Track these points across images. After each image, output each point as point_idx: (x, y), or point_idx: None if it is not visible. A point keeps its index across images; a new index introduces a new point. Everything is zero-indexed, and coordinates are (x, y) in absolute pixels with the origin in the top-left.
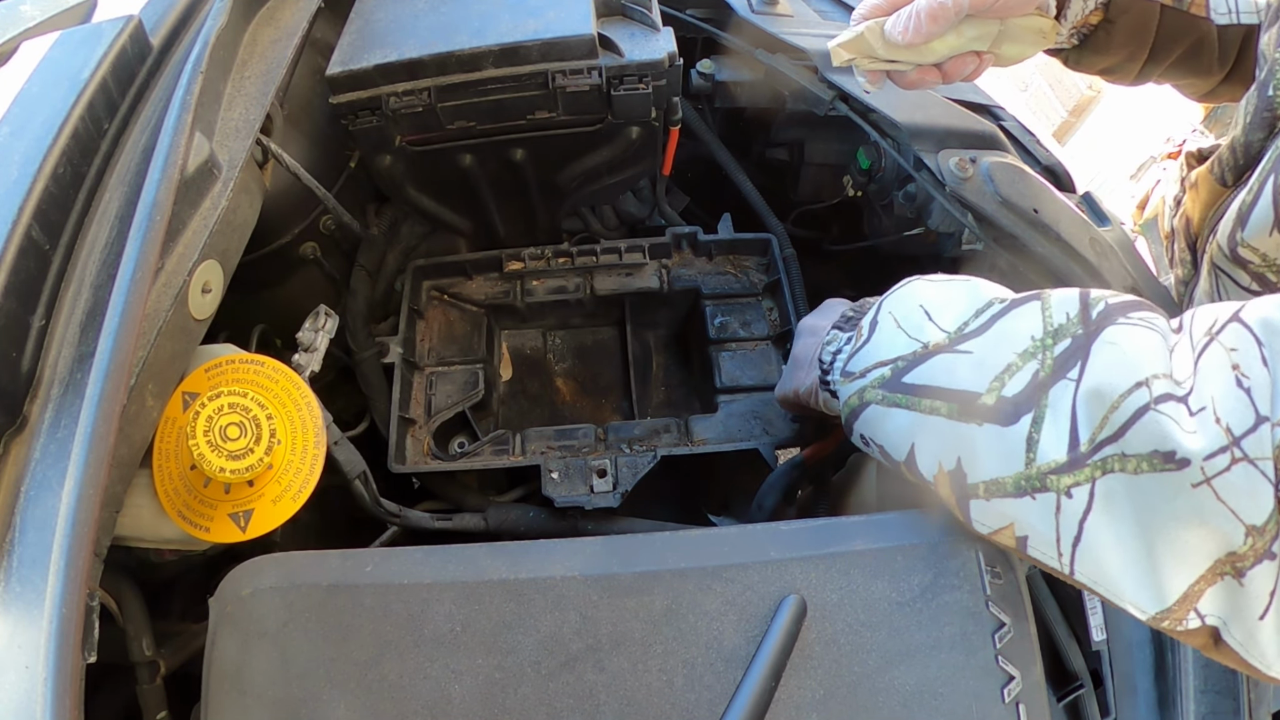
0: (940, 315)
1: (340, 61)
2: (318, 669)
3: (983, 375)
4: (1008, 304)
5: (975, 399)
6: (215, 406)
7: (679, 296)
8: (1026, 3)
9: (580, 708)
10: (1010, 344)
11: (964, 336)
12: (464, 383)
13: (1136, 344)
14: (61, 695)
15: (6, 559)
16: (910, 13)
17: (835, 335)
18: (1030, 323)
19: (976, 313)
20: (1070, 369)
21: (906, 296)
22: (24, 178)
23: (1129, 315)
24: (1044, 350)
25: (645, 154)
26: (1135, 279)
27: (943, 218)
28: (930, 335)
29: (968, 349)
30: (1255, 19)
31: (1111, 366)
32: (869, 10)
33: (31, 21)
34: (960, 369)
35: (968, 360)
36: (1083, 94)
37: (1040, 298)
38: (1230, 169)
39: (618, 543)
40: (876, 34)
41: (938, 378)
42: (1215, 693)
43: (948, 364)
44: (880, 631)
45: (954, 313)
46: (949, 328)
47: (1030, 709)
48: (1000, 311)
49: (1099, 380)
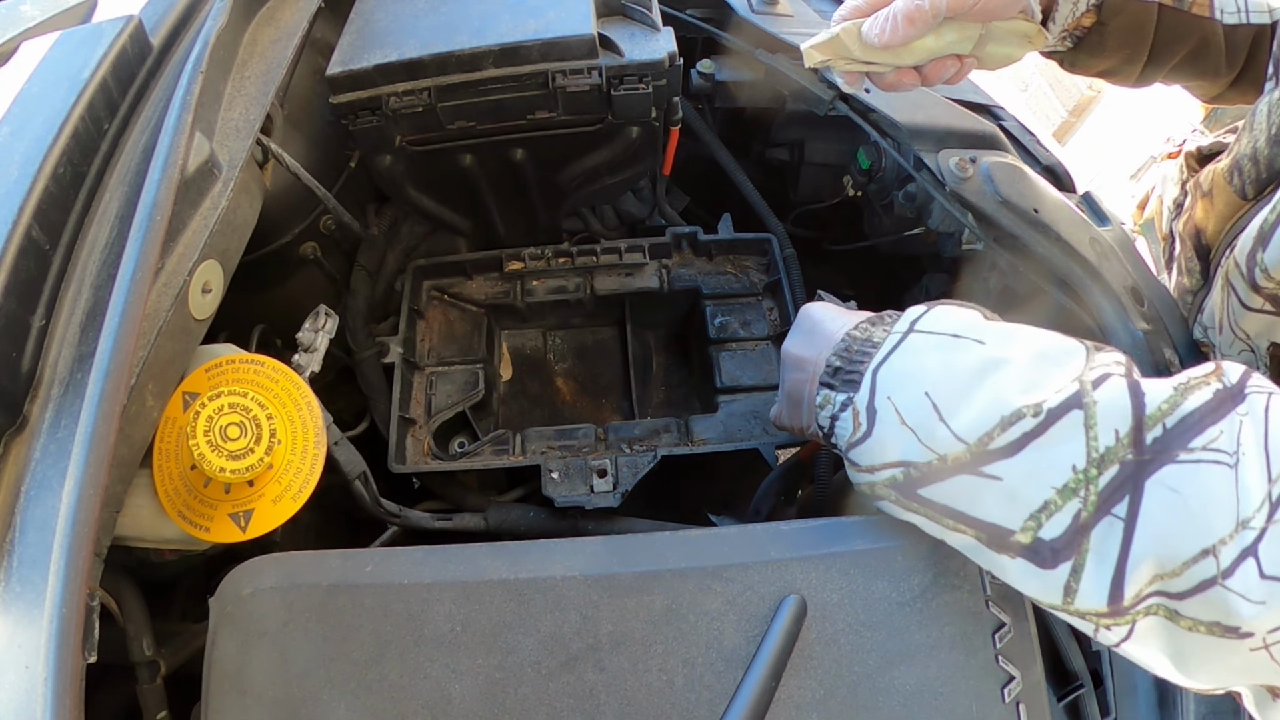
0: (954, 415)
1: (340, 61)
2: (318, 669)
3: (1015, 511)
4: (1043, 419)
5: (1008, 535)
6: (215, 406)
7: (679, 296)
8: (1008, 7)
9: (580, 708)
10: (1048, 477)
11: (988, 455)
12: (464, 383)
13: (1204, 494)
14: (61, 695)
15: (6, 559)
16: (887, 15)
17: (827, 396)
18: (1071, 448)
19: (1002, 423)
20: (1117, 504)
21: (907, 379)
22: (24, 178)
23: (1191, 445)
24: (1087, 484)
25: (645, 154)
26: (1135, 279)
27: (943, 217)
28: (945, 445)
29: (995, 473)
30: (1267, 19)
31: (1173, 525)
32: (849, 11)
33: (31, 21)
34: (988, 498)
35: (996, 489)
36: (1083, 94)
37: (1082, 405)
38: (1251, 181)
39: (618, 543)
40: (854, 35)
41: (959, 501)
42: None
43: (972, 488)
44: (880, 631)
45: (971, 416)
46: (967, 437)
47: (1030, 709)
48: (1034, 430)
49: (1157, 544)
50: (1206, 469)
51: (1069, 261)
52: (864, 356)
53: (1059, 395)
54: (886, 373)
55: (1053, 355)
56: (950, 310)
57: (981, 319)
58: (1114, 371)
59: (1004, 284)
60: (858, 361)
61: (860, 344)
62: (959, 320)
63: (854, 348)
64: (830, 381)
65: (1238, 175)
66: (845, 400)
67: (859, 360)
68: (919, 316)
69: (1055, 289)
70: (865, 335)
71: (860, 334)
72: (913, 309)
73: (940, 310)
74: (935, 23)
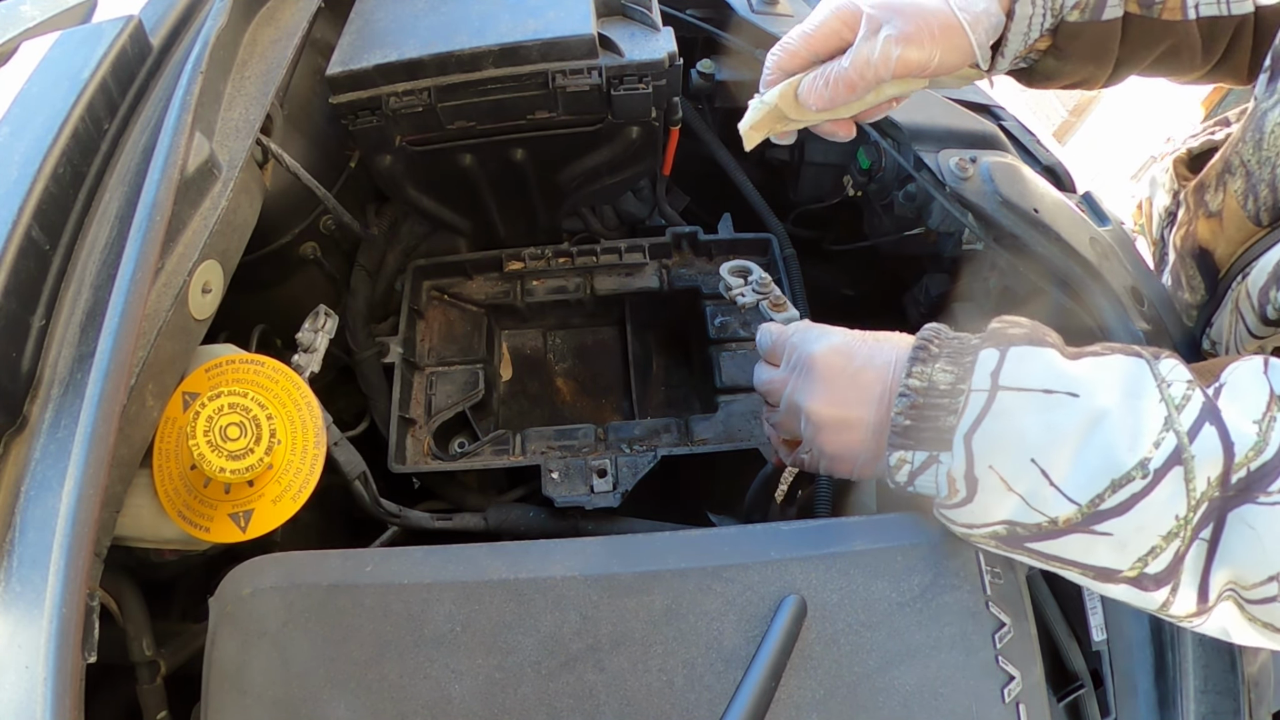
0: (1063, 479)
1: (340, 61)
2: (318, 669)
3: (1125, 557)
4: (1150, 480)
5: (1115, 573)
6: (215, 406)
7: (679, 296)
8: (956, 64)
9: (580, 708)
10: (1155, 528)
11: (1100, 515)
12: (464, 383)
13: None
14: (61, 695)
15: (6, 559)
16: (828, 79)
17: (903, 457)
18: (1175, 500)
19: (1113, 485)
20: (1204, 529)
21: (1008, 445)
22: (24, 178)
23: (1270, 489)
24: (1186, 526)
25: (645, 154)
26: (1135, 279)
27: (943, 218)
28: (1055, 509)
29: (1107, 530)
30: (1249, 7)
31: (1248, 555)
32: (786, 60)
33: (31, 21)
34: (1099, 550)
35: (1107, 543)
36: (1083, 94)
37: (1182, 460)
38: (1268, 209)
39: (618, 543)
40: (790, 99)
41: (1070, 553)
42: (1216, 693)
43: (1085, 545)
44: (880, 631)
45: (1082, 480)
46: (1079, 499)
47: (1030, 709)
48: (1142, 491)
49: (1233, 567)
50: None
51: (1069, 261)
52: (938, 411)
53: (1161, 452)
54: (983, 440)
55: (1133, 388)
56: (1027, 356)
57: (1059, 359)
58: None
59: (1004, 284)
60: (931, 418)
61: (928, 396)
62: (1044, 370)
63: (921, 402)
64: (902, 442)
65: (1252, 200)
66: (926, 459)
67: (932, 417)
68: (998, 368)
69: (1055, 289)
70: (927, 384)
71: (920, 383)
72: (984, 356)
73: (1018, 357)
74: (879, 85)
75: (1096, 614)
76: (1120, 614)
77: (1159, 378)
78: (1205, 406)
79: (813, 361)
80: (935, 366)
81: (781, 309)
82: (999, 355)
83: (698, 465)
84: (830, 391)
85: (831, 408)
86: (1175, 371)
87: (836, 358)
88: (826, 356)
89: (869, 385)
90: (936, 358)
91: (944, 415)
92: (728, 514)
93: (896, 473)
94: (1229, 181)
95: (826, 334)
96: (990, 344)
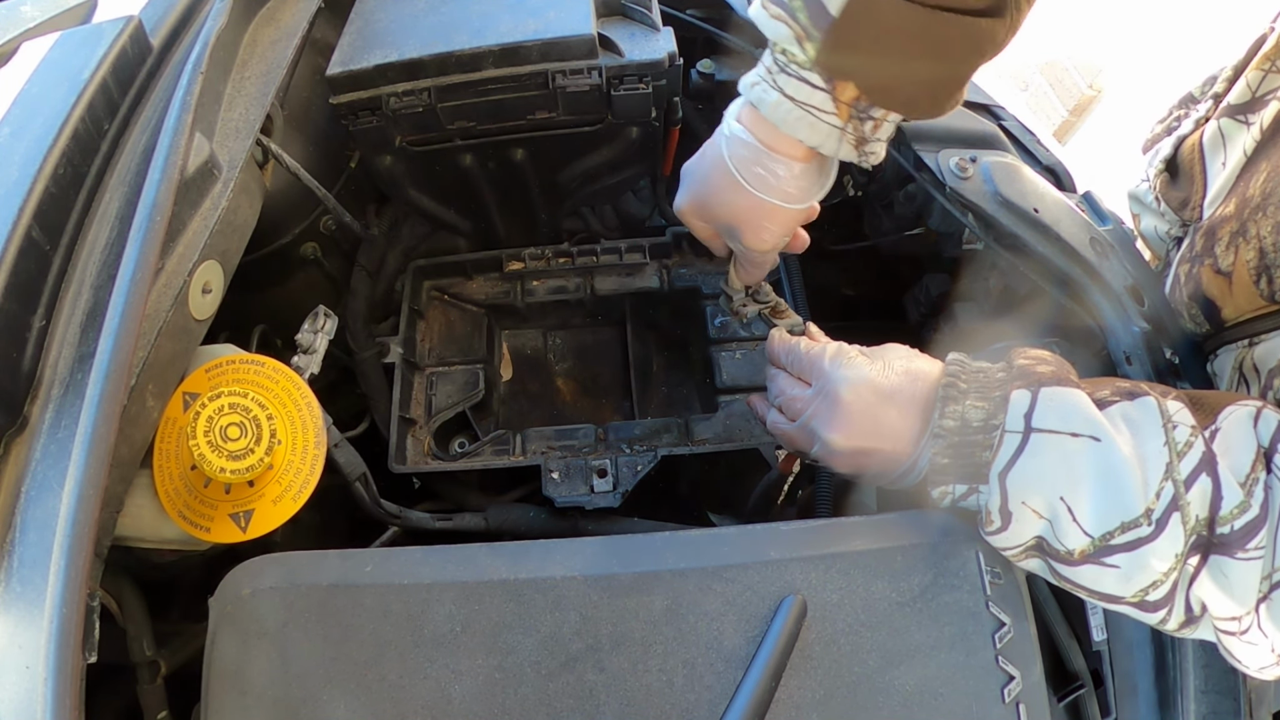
0: (1084, 516)
1: (340, 61)
2: (318, 669)
3: (1129, 587)
4: (1153, 528)
5: (1119, 599)
6: (215, 407)
7: (679, 296)
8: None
9: (580, 708)
10: (1158, 565)
11: (1110, 549)
12: (464, 383)
13: (1244, 582)
14: (61, 695)
15: (7, 559)
16: (741, 266)
17: (944, 490)
18: (1173, 543)
19: (1122, 526)
20: (1191, 558)
21: (1039, 484)
22: (24, 178)
23: (1247, 547)
24: (1181, 562)
25: (645, 154)
26: (1135, 278)
27: (943, 218)
28: (1074, 541)
29: (1114, 563)
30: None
31: (1220, 597)
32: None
33: (31, 22)
34: (1106, 579)
35: (1114, 574)
36: (1083, 94)
37: (1179, 507)
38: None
39: (618, 543)
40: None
41: (1083, 579)
42: (1216, 693)
43: (1093, 575)
44: (880, 632)
45: (1098, 517)
46: (1093, 533)
47: (1030, 709)
48: (1147, 536)
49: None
50: (1249, 565)
51: (1069, 261)
52: (973, 447)
53: (1162, 502)
54: (1017, 478)
55: (1143, 433)
56: (1057, 397)
57: (1086, 401)
58: (1200, 466)
59: (1004, 284)
60: (967, 454)
61: (963, 435)
62: (1072, 412)
63: (957, 441)
64: (943, 479)
65: (1266, 281)
66: (967, 490)
67: (968, 453)
68: (1030, 410)
69: (1055, 289)
70: (960, 422)
71: (953, 422)
72: (1016, 397)
73: (1049, 399)
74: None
75: (1096, 614)
76: (1120, 615)
77: (1166, 417)
78: (1204, 457)
79: (839, 395)
80: (966, 404)
81: (784, 316)
82: (1030, 397)
83: (698, 465)
84: (850, 426)
85: (850, 441)
86: (1181, 414)
87: (864, 394)
88: (856, 391)
89: (892, 422)
90: (966, 394)
91: (979, 450)
92: (728, 514)
93: (941, 501)
94: (1241, 248)
95: (856, 367)
96: (1021, 384)
